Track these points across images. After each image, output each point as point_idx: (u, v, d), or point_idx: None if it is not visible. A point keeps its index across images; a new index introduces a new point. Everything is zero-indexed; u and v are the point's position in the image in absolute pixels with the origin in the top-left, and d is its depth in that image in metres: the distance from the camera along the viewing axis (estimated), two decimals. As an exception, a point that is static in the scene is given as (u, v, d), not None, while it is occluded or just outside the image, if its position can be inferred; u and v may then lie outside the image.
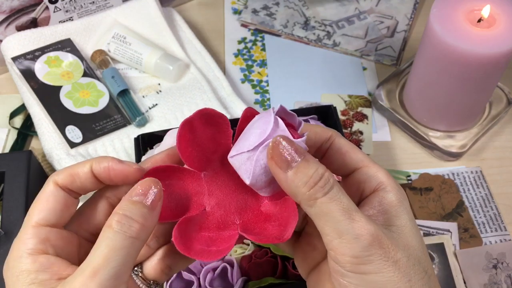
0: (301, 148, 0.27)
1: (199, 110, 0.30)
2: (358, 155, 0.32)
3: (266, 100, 0.69)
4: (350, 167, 0.32)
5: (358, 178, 0.31)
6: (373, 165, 0.31)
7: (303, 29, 0.76)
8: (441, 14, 0.55)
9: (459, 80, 0.56)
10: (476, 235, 0.57)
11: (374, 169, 0.31)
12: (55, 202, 0.29)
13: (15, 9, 0.66)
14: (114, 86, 0.63)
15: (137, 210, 0.27)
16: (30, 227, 0.28)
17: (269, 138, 0.28)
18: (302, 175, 0.27)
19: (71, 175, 0.29)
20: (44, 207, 0.29)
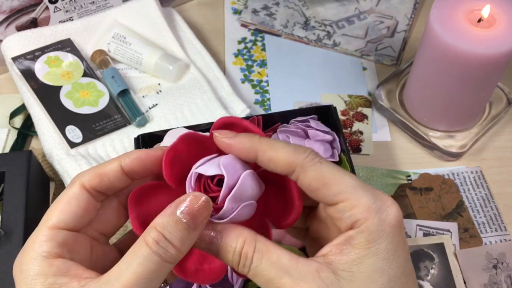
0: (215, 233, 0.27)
1: (181, 136, 0.29)
2: (332, 189, 0.27)
3: (266, 100, 0.69)
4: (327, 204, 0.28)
5: (334, 215, 0.28)
6: (350, 198, 0.27)
7: (303, 29, 0.76)
8: (441, 14, 0.55)
9: (459, 80, 0.56)
10: (476, 235, 0.57)
11: (351, 203, 0.27)
12: (77, 205, 0.28)
13: (15, 9, 0.66)
14: (114, 86, 0.63)
15: (178, 232, 0.25)
16: (47, 229, 0.27)
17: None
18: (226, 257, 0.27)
19: (99, 175, 0.28)
20: (65, 209, 0.28)
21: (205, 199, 0.26)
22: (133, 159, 0.29)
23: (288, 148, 0.28)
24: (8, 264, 0.47)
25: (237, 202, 0.28)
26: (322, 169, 0.27)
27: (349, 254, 0.26)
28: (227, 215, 0.27)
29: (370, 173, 0.62)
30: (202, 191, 0.28)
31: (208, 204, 0.26)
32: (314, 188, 0.28)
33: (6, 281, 0.46)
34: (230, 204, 0.27)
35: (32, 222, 0.51)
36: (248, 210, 0.28)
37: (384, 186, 0.61)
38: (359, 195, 0.27)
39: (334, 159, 0.55)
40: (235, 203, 0.27)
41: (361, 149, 0.64)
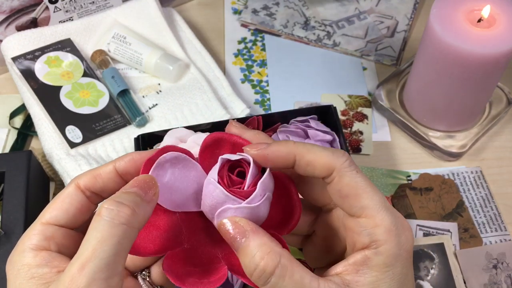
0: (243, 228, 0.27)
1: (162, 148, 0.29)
2: (361, 202, 0.27)
3: (266, 100, 0.69)
4: (350, 213, 0.28)
5: (353, 228, 0.28)
6: (375, 216, 0.27)
7: (303, 29, 0.76)
8: (441, 14, 0.55)
9: (459, 80, 0.56)
10: (476, 235, 0.57)
11: (374, 221, 0.27)
12: (70, 204, 0.29)
13: (15, 9, 0.66)
14: (114, 86, 0.63)
15: (128, 196, 0.26)
16: (39, 224, 0.28)
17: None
18: (242, 259, 0.27)
19: (94, 176, 0.29)
20: (57, 206, 0.29)
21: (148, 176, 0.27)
22: (126, 161, 0.29)
23: (326, 151, 0.28)
24: (8, 264, 0.47)
25: (265, 190, 0.28)
26: (357, 178, 0.28)
27: (366, 276, 0.27)
28: (256, 200, 0.27)
29: (370, 173, 0.62)
30: (225, 182, 0.28)
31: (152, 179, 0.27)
32: (343, 195, 0.28)
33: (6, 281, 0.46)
34: (261, 189, 0.27)
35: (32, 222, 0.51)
36: (267, 205, 0.28)
37: (384, 186, 0.61)
38: (384, 216, 0.27)
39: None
40: (263, 190, 0.28)
41: (361, 149, 0.64)
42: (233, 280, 0.48)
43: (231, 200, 0.28)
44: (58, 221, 0.28)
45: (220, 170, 0.28)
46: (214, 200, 0.28)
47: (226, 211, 0.27)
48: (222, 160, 0.28)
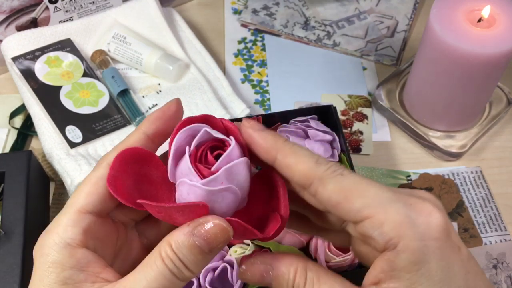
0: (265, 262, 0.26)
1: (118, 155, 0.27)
2: (354, 204, 0.24)
3: (266, 100, 0.69)
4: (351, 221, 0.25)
5: (363, 234, 0.25)
6: (377, 212, 0.23)
7: (303, 29, 0.76)
8: (441, 14, 0.55)
9: (459, 80, 0.56)
10: (476, 235, 0.58)
11: (378, 219, 0.23)
12: (105, 187, 0.26)
13: (15, 9, 0.66)
14: (114, 86, 0.63)
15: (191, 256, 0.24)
16: (73, 212, 0.25)
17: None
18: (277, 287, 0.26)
19: None
20: (92, 191, 0.26)
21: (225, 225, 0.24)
22: (153, 121, 0.27)
23: (310, 158, 0.25)
24: (8, 264, 0.47)
25: (229, 180, 0.25)
26: (343, 181, 0.24)
27: (400, 282, 0.23)
28: (214, 185, 0.25)
29: (370, 173, 0.62)
30: (197, 159, 0.26)
31: (225, 230, 0.24)
32: (334, 203, 0.24)
33: (6, 281, 0.46)
34: (223, 175, 0.25)
35: (32, 222, 0.51)
36: (231, 199, 0.26)
37: (384, 186, 0.61)
38: (387, 208, 0.23)
39: (334, 159, 0.55)
40: (226, 179, 0.25)
41: (361, 149, 0.64)
42: (233, 280, 0.48)
43: (191, 175, 0.26)
44: (94, 207, 0.26)
45: (199, 143, 0.26)
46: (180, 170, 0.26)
47: (183, 184, 0.26)
48: (206, 133, 0.26)
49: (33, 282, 0.25)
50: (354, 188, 0.24)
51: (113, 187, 0.26)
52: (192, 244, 0.24)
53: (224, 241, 0.24)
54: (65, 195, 0.60)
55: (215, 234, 0.24)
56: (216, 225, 0.24)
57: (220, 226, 0.24)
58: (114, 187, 0.26)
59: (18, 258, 0.47)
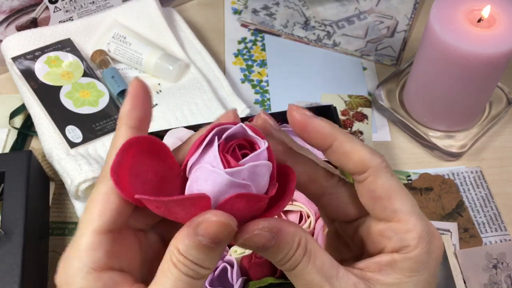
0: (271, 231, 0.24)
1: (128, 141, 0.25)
2: (394, 205, 0.26)
3: (266, 100, 0.69)
4: (381, 217, 0.27)
5: (383, 232, 0.27)
6: (407, 220, 0.26)
7: (303, 29, 0.76)
8: (441, 14, 0.55)
9: (459, 80, 0.56)
10: (476, 235, 0.57)
11: (407, 226, 0.26)
12: (118, 198, 0.25)
13: (15, 9, 0.66)
14: (114, 86, 0.63)
15: (202, 255, 0.24)
16: (92, 234, 0.25)
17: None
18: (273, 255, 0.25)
19: None
20: (105, 207, 0.25)
21: (225, 219, 0.23)
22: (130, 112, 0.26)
23: (366, 147, 0.26)
24: (8, 264, 0.47)
25: (251, 178, 0.24)
26: (392, 181, 0.26)
27: (388, 277, 0.26)
28: (237, 177, 0.24)
29: (370, 173, 0.62)
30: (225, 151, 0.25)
31: (226, 224, 0.23)
32: (376, 196, 0.26)
33: (6, 281, 0.46)
34: (247, 172, 0.24)
35: (32, 222, 0.51)
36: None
37: (384, 186, 0.61)
38: (416, 221, 0.26)
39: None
40: (249, 177, 0.24)
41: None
42: (233, 280, 0.48)
43: (215, 162, 0.24)
44: (110, 226, 0.25)
45: (229, 136, 0.25)
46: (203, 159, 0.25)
47: (203, 170, 0.24)
48: (241, 128, 0.25)
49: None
50: (398, 191, 0.26)
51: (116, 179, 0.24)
52: (198, 244, 0.23)
53: (229, 233, 0.23)
54: (65, 195, 0.60)
55: (217, 230, 0.23)
56: (215, 223, 0.23)
57: (220, 222, 0.23)
58: (116, 180, 0.24)
59: (18, 258, 0.47)
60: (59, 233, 0.58)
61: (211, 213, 0.23)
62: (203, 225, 0.23)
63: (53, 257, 0.56)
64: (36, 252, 0.52)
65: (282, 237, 0.25)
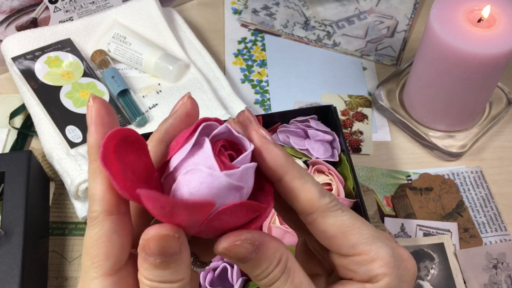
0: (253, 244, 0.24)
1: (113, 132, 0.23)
2: (350, 240, 0.26)
3: (266, 100, 0.69)
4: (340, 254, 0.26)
5: (346, 265, 0.26)
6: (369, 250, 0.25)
7: (303, 29, 0.76)
8: (441, 14, 0.55)
9: (459, 80, 0.56)
10: (476, 235, 0.57)
11: (369, 256, 0.26)
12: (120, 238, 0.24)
13: (15, 9, 0.66)
14: (114, 86, 0.63)
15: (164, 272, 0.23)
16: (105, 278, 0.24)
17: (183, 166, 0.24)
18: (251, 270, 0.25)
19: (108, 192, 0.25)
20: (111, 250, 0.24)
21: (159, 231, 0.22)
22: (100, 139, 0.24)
23: (315, 186, 0.25)
24: (8, 264, 0.47)
25: (242, 181, 0.24)
26: (342, 217, 0.26)
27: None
28: (234, 178, 0.23)
29: (370, 173, 0.62)
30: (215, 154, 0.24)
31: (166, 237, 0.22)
32: (329, 236, 0.26)
33: (6, 281, 0.46)
34: (240, 174, 0.23)
35: (32, 222, 0.51)
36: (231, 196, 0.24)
37: (384, 186, 0.61)
38: (378, 249, 0.26)
39: (334, 159, 0.55)
40: (241, 179, 0.24)
41: (361, 149, 0.64)
42: (233, 280, 0.48)
43: (209, 164, 0.23)
44: (120, 263, 0.24)
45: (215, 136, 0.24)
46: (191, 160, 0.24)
47: (196, 173, 0.23)
48: (226, 129, 0.25)
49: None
50: (351, 225, 0.26)
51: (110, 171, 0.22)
52: (154, 264, 0.23)
53: (175, 243, 0.23)
54: (65, 195, 0.60)
55: (161, 245, 0.22)
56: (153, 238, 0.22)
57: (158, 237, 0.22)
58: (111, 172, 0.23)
59: (18, 259, 0.47)
60: (59, 233, 0.58)
61: (148, 229, 0.23)
62: (146, 245, 0.23)
63: (53, 257, 0.56)
64: (36, 252, 0.52)
65: (263, 251, 0.24)
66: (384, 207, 0.60)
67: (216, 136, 0.25)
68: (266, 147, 0.25)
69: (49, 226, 0.58)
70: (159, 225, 0.23)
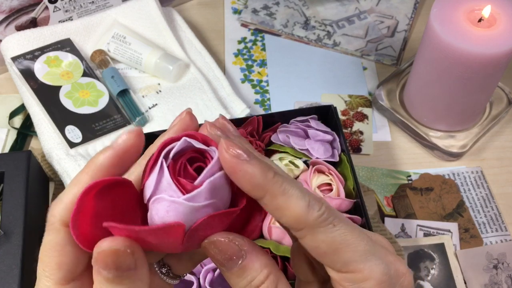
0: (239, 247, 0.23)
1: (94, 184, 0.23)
2: (343, 257, 0.24)
3: (266, 100, 0.69)
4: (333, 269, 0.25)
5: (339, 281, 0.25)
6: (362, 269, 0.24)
7: (303, 29, 0.76)
8: (441, 14, 0.55)
9: (459, 80, 0.56)
10: (476, 235, 0.57)
11: (363, 275, 0.24)
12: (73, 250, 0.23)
13: (14, 9, 0.66)
14: (114, 86, 0.63)
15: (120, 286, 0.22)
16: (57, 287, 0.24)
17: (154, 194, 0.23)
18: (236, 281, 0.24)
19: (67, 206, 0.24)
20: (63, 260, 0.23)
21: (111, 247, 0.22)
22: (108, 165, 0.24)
23: (301, 200, 0.23)
24: (7, 264, 0.47)
25: (212, 194, 0.23)
26: (334, 233, 0.24)
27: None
28: (198, 200, 0.22)
29: (370, 173, 0.62)
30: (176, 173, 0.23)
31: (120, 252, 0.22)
32: (321, 252, 0.24)
33: (6, 281, 0.46)
34: (207, 189, 0.23)
35: (32, 222, 0.51)
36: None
37: (385, 186, 0.61)
38: (372, 266, 0.24)
39: (334, 159, 0.55)
40: (210, 193, 0.23)
41: (361, 149, 0.64)
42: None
43: (171, 190, 0.23)
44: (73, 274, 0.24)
45: (176, 154, 0.23)
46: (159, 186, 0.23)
47: (161, 201, 0.23)
48: (185, 142, 0.23)
49: None
50: (344, 241, 0.24)
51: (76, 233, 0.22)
52: (106, 279, 0.22)
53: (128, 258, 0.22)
54: (65, 195, 0.60)
55: (113, 260, 0.22)
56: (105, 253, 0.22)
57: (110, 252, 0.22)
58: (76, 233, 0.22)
59: (17, 259, 0.47)
60: (59, 233, 0.58)
61: (101, 241, 0.22)
62: (99, 259, 0.22)
63: (53, 258, 0.56)
64: (36, 252, 0.52)
65: (250, 259, 0.23)
66: (384, 207, 0.60)
67: (179, 152, 0.24)
68: (239, 168, 0.23)
69: (49, 226, 0.58)
70: (112, 238, 0.22)
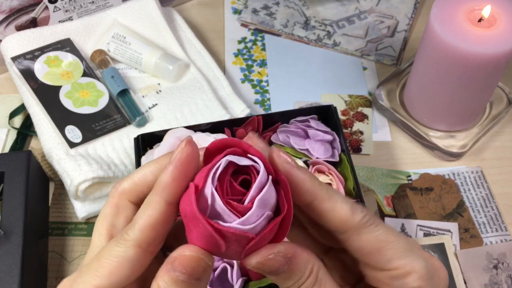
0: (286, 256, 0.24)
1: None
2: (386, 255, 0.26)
3: (266, 100, 0.69)
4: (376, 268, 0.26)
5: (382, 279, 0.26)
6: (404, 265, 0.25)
7: (303, 29, 0.76)
8: (441, 14, 0.55)
9: (459, 80, 0.56)
10: (476, 235, 0.57)
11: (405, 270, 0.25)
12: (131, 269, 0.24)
13: (14, 8, 0.66)
14: (114, 86, 0.63)
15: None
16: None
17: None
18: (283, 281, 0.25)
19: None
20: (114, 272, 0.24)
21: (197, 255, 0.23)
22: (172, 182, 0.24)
23: (345, 204, 0.25)
24: (7, 264, 0.47)
25: (263, 208, 0.24)
26: (376, 232, 0.26)
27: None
28: (251, 221, 0.23)
29: (370, 173, 0.62)
30: (224, 192, 0.24)
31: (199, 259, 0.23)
32: (366, 252, 0.26)
33: (6, 281, 0.46)
34: (257, 207, 0.23)
35: (32, 222, 0.51)
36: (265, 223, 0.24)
37: (385, 186, 0.61)
38: (413, 262, 0.26)
39: (334, 159, 0.55)
40: (261, 209, 0.24)
41: (361, 149, 0.64)
42: (233, 280, 0.48)
43: (225, 215, 0.23)
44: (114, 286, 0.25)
45: (222, 173, 0.24)
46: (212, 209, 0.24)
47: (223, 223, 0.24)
48: (227, 161, 0.24)
49: None
50: (386, 240, 0.26)
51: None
52: (176, 280, 0.23)
53: (203, 269, 0.23)
54: (65, 195, 0.60)
55: (191, 266, 0.23)
56: (189, 257, 0.23)
57: (192, 257, 0.23)
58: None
59: (17, 259, 0.47)
60: (59, 233, 0.58)
61: (185, 247, 0.23)
62: (177, 260, 0.23)
63: (53, 257, 0.56)
64: (36, 252, 0.52)
65: (295, 263, 0.24)
66: (384, 207, 0.60)
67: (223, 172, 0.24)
68: (291, 173, 0.25)
69: (49, 226, 0.58)
70: (195, 246, 0.23)
